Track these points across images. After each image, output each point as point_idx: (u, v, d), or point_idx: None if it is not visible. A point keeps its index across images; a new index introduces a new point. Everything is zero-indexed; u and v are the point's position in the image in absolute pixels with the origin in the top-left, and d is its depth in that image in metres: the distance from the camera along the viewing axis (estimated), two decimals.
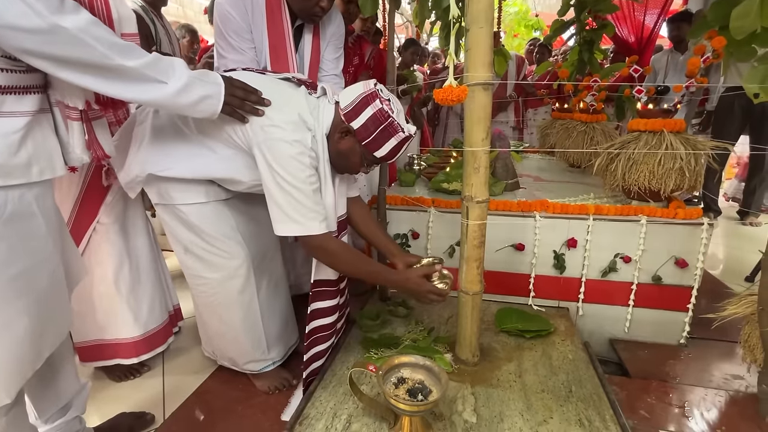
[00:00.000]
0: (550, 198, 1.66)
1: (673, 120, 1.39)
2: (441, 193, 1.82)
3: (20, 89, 0.76)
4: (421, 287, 1.14)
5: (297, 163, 0.99)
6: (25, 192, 0.78)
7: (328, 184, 1.09)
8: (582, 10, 2.60)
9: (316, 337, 1.22)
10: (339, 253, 1.08)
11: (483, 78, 0.94)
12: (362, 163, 1.09)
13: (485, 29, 0.90)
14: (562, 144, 2.24)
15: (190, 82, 0.88)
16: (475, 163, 1.02)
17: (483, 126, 0.99)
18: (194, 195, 1.15)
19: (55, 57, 0.71)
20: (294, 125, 1.00)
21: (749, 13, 1.17)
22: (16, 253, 0.75)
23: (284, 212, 1.02)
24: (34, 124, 0.79)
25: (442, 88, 0.79)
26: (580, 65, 2.68)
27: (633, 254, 1.43)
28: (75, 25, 0.70)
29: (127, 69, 0.78)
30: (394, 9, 1.44)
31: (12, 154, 0.74)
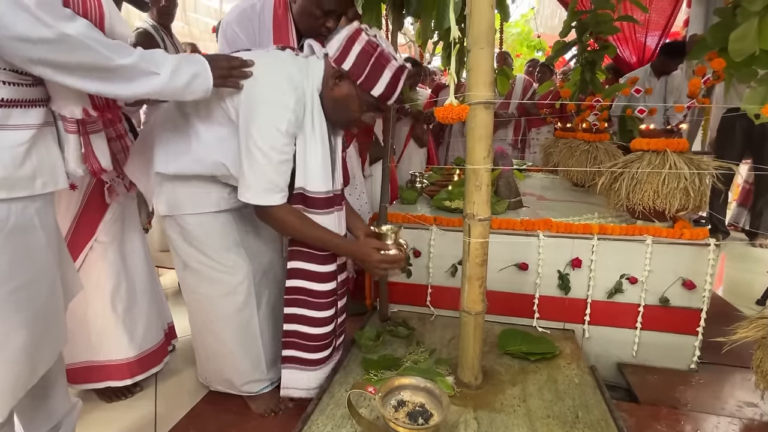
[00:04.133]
0: (554, 217, 1.67)
1: (676, 140, 1.42)
2: (443, 211, 1.83)
3: (26, 102, 0.78)
4: (371, 257, 1.13)
5: (273, 129, 1.00)
6: (27, 205, 0.79)
7: (317, 143, 1.08)
8: (584, 31, 2.68)
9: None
10: (288, 220, 1.08)
11: (484, 97, 0.97)
12: (361, 108, 1.08)
13: (486, 50, 0.94)
14: (566, 163, 2.26)
15: (177, 66, 0.90)
16: (476, 181, 1.04)
17: (485, 144, 1.01)
18: (203, 204, 1.16)
19: (60, 64, 0.73)
20: (277, 86, 1.01)
21: (747, 36, 1.21)
22: (17, 266, 0.76)
23: (245, 178, 1.03)
24: (39, 137, 0.81)
25: (444, 107, 0.82)
26: (582, 85, 2.74)
27: (639, 275, 1.43)
28: (78, 31, 0.72)
29: (126, 67, 0.81)
30: (397, 30, 1.50)
31: (17, 167, 0.76)
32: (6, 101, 0.75)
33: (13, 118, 0.76)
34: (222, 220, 1.19)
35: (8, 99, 0.75)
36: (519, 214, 1.78)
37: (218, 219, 1.18)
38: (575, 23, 2.71)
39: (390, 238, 1.18)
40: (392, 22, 1.49)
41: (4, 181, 0.75)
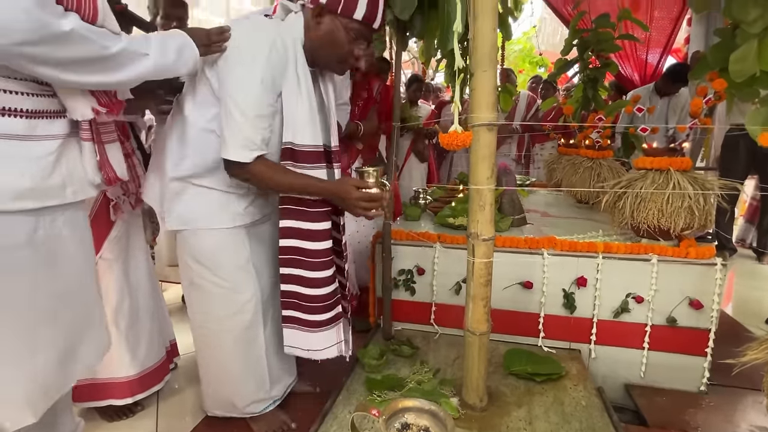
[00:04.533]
0: (558, 234, 1.67)
1: (680, 158, 1.42)
2: (447, 228, 1.83)
3: (51, 113, 0.80)
4: (350, 194, 1.09)
5: (247, 83, 1.00)
6: (57, 217, 0.81)
7: (303, 97, 1.07)
8: (585, 49, 2.72)
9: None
10: (264, 173, 1.06)
11: (487, 119, 0.98)
12: (350, 38, 1.06)
13: (489, 73, 0.96)
14: (569, 180, 2.27)
15: (161, 42, 0.91)
16: (480, 201, 1.04)
17: (488, 164, 1.02)
18: (218, 219, 1.15)
19: (63, 60, 0.74)
20: (252, 42, 1.02)
21: (747, 57, 1.23)
22: (47, 278, 0.78)
23: (224, 137, 1.03)
24: (66, 147, 0.83)
25: (448, 133, 0.83)
26: (584, 102, 2.77)
27: (645, 294, 1.42)
28: (74, 25, 0.73)
29: (120, 54, 0.82)
30: (401, 50, 1.53)
31: (47, 176, 0.78)
32: (30, 112, 0.77)
33: (39, 128, 0.78)
34: (235, 237, 1.18)
35: (33, 110, 0.77)
36: (523, 232, 1.78)
37: (232, 235, 1.18)
38: (577, 41, 2.76)
39: (372, 176, 1.15)
40: (396, 43, 1.52)
41: (33, 191, 0.77)
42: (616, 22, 2.61)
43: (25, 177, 0.76)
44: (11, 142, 0.75)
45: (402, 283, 1.67)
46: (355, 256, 2.27)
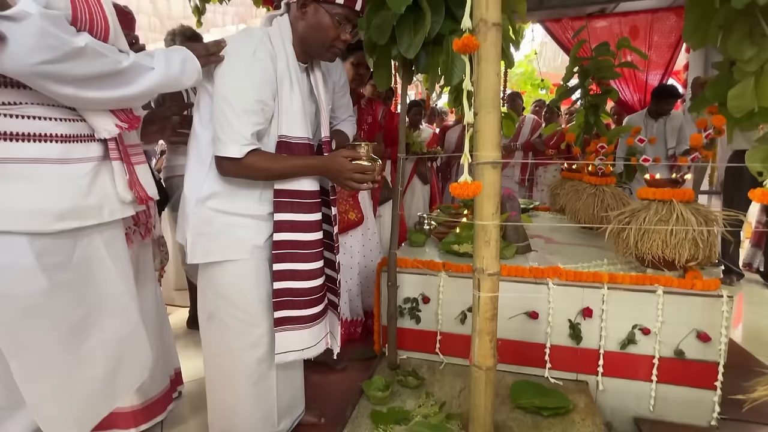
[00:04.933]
0: (563, 263, 1.68)
1: (682, 190, 1.44)
2: (452, 255, 1.85)
3: (84, 137, 0.85)
4: (343, 166, 1.12)
5: (237, 79, 1.05)
6: (94, 237, 0.85)
7: (296, 94, 1.13)
8: (586, 77, 2.78)
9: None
10: (257, 164, 1.08)
11: (491, 157, 1.01)
12: (335, 23, 1.11)
13: (493, 114, 0.99)
14: (573, 206, 2.29)
15: (165, 57, 0.95)
16: (485, 237, 1.06)
17: (493, 201, 1.04)
18: (241, 250, 1.16)
19: (80, 77, 0.77)
20: (242, 45, 1.07)
21: (745, 93, 1.26)
22: (85, 297, 0.82)
23: (216, 134, 1.07)
24: (100, 169, 0.87)
25: (458, 184, 0.86)
26: (586, 127, 2.82)
27: (652, 326, 1.41)
28: (87, 41, 0.77)
29: (129, 68, 0.85)
30: (407, 84, 1.58)
31: (84, 197, 0.82)
32: (65, 137, 0.81)
33: (74, 152, 0.82)
34: (258, 269, 1.18)
35: (67, 135, 0.82)
36: (528, 259, 1.78)
37: (254, 268, 1.18)
38: (577, 68, 2.82)
39: (363, 148, 1.17)
40: (401, 77, 1.57)
41: (73, 212, 0.81)
42: (615, 50, 2.68)
43: (65, 198, 0.80)
44: (49, 166, 0.79)
45: (407, 312, 1.67)
46: (361, 279, 2.28)
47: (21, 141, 0.76)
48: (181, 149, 1.97)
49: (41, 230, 0.77)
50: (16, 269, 0.75)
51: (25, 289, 0.76)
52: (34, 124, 0.78)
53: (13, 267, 0.75)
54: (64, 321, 0.81)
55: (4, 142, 0.75)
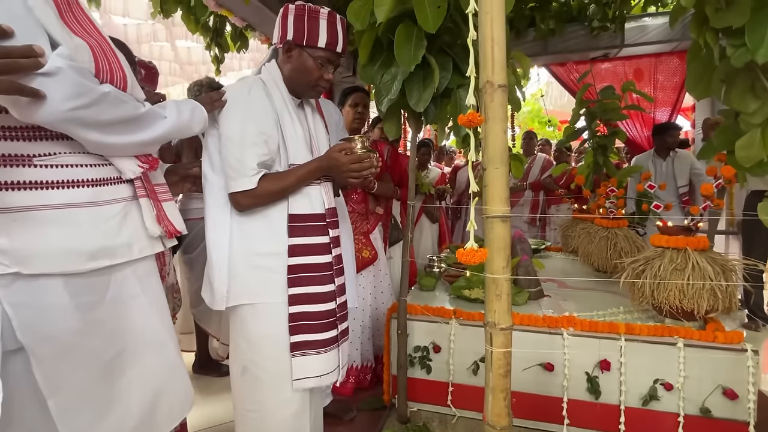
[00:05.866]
0: (578, 310, 1.65)
1: (696, 238, 1.43)
2: (463, 300, 1.83)
3: (113, 180, 0.90)
4: (339, 160, 1.15)
5: (238, 115, 1.13)
6: (127, 274, 0.88)
7: (297, 126, 1.20)
8: (592, 119, 2.84)
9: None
10: (267, 189, 1.13)
11: (501, 211, 1.03)
12: (318, 65, 1.20)
13: (501, 170, 1.02)
14: (585, 248, 2.27)
15: (177, 106, 1.03)
16: (496, 290, 1.06)
17: (503, 255, 1.05)
18: (275, 292, 1.16)
19: (106, 122, 0.83)
20: (240, 87, 1.17)
21: (753, 144, 1.28)
22: (118, 334, 0.85)
23: (226, 172, 1.14)
24: (130, 208, 0.92)
25: (465, 251, 0.87)
26: (595, 167, 2.84)
27: (674, 380, 1.36)
28: (110, 89, 0.83)
29: (146, 114, 0.92)
30: (416, 134, 1.63)
31: (114, 236, 0.86)
32: (95, 181, 0.86)
33: (104, 194, 0.87)
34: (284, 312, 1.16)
35: (97, 179, 0.87)
36: (540, 306, 1.76)
37: (287, 312, 1.16)
38: (584, 110, 2.89)
39: (358, 142, 1.19)
40: (411, 126, 1.63)
41: (105, 250, 0.84)
42: (621, 94, 2.75)
43: (96, 238, 0.84)
44: (80, 210, 0.84)
45: (418, 361, 1.64)
46: (372, 322, 2.26)
47: (55, 189, 0.82)
48: (194, 193, 2.03)
49: (74, 270, 0.81)
50: (53, 310, 0.79)
51: (61, 328, 0.80)
52: (67, 172, 0.83)
53: (51, 308, 0.79)
54: (98, 358, 0.84)
55: (41, 191, 0.80)
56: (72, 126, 0.79)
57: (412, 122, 1.58)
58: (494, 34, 1.00)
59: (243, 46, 3.36)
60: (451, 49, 1.46)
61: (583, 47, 3.73)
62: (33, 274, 0.76)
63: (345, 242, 1.38)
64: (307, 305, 1.18)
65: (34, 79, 0.71)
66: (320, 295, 1.19)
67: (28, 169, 0.78)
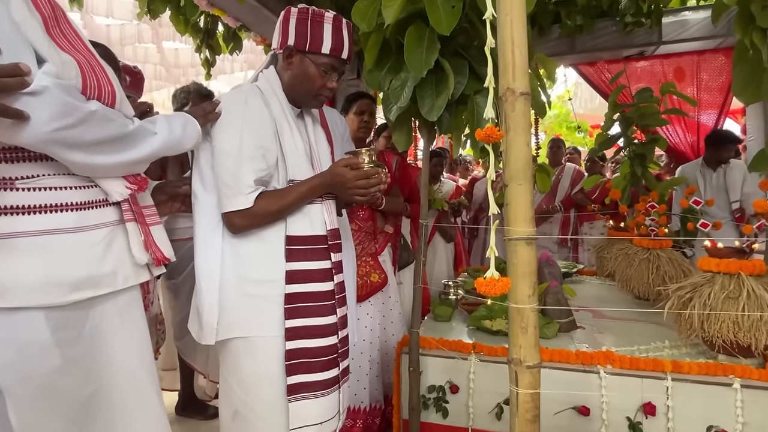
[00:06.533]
0: (616, 344, 1.63)
1: (752, 261, 1.42)
2: (483, 332, 1.82)
3: (99, 203, 0.93)
4: (344, 176, 1.17)
5: (232, 128, 1.16)
6: (108, 307, 0.90)
7: (297, 138, 1.23)
8: (628, 125, 2.84)
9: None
10: (263, 207, 1.15)
11: (525, 233, 1.03)
12: (321, 72, 1.23)
13: (524, 186, 1.03)
14: (623, 272, 2.25)
15: (168, 121, 1.06)
16: (522, 322, 1.06)
17: (528, 281, 1.05)
18: (270, 324, 1.17)
19: (92, 142, 0.86)
20: (234, 97, 1.20)
21: None
22: (92, 372, 0.86)
23: (220, 190, 1.16)
24: (116, 233, 0.95)
25: (486, 280, 0.88)
26: (633, 179, 2.83)
27: (731, 428, 1.33)
28: (98, 107, 0.87)
29: (135, 131, 0.95)
30: (429, 145, 1.66)
31: (98, 265, 0.89)
32: (80, 204, 0.89)
33: (89, 219, 0.90)
34: (281, 347, 1.17)
35: (82, 202, 0.89)
36: (573, 339, 1.74)
37: (283, 348, 1.16)
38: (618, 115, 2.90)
39: (365, 155, 1.21)
40: (423, 137, 1.66)
41: (88, 280, 0.87)
42: (660, 95, 2.75)
43: (79, 267, 0.87)
44: (63, 236, 0.86)
45: (432, 403, 1.62)
46: (381, 357, 2.25)
47: (37, 213, 0.85)
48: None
49: (56, 303, 0.83)
50: (33, 347, 0.81)
51: (40, 367, 0.82)
52: (51, 195, 0.87)
53: (31, 345, 0.81)
54: (73, 400, 0.86)
55: (22, 216, 0.83)
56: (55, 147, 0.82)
57: (424, 132, 1.61)
58: (514, 37, 1.03)
59: (236, 48, 3.46)
60: (467, 52, 1.49)
61: (616, 45, 3.77)
62: (12, 308, 0.78)
63: (346, 267, 1.39)
64: (306, 340, 1.18)
65: (18, 99, 0.74)
66: (320, 328, 1.19)
67: (9, 192, 0.81)
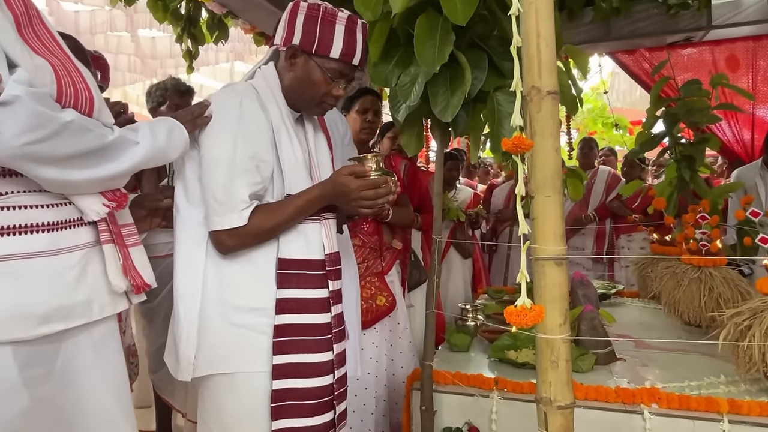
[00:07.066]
0: (663, 380, 1.63)
1: None
2: (508, 365, 1.82)
3: (74, 222, 0.95)
4: (348, 186, 1.17)
5: (225, 138, 1.17)
6: (81, 339, 0.92)
7: (296, 145, 1.25)
8: (674, 122, 2.85)
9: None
10: (257, 224, 1.16)
11: (554, 252, 1.05)
12: (326, 79, 1.25)
13: (553, 198, 1.05)
14: (670, 294, 2.24)
15: (150, 129, 1.08)
16: (552, 355, 1.06)
17: (559, 307, 1.06)
18: (255, 359, 1.18)
19: (65, 156, 0.88)
20: (226, 99, 1.22)
21: None
22: (66, 412, 0.89)
23: (209, 204, 1.17)
24: (92, 256, 0.97)
25: (516, 309, 0.89)
26: (681, 185, 2.83)
27: None
28: (74, 116, 0.89)
29: (114, 142, 0.97)
30: (443, 147, 1.68)
31: (72, 293, 0.90)
32: (52, 224, 0.91)
33: (63, 240, 0.92)
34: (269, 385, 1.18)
35: (54, 222, 0.92)
36: (612, 373, 1.74)
37: (269, 382, 1.18)
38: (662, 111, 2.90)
39: (371, 161, 1.22)
40: (436, 140, 1.68)
41: (60, 311, 0.88)
42: (710, 88, 2.76)
43: (51, 295, 0.89)
44: (32, 260, 0.88)
45: None
46: (389, 393, 2.25)
47: (4, 236, 0.87)
48: None
49: (24, 337, 0.85)
50: (0, 386, 0.83)
51: (7, 410, 0.83)
52: (20, 215, 0.89)
53: None
54: None
55: None
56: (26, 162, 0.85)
57: (437, 134, 1.63)
58: (540, 28, 1.05)
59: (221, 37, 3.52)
60: (486, 43, 1.51)
61: (658, 30, 3.78)
62: None
63: (348, 289, 1.41)
64: (296, 379, 1.19)
65: None
66: (313, 366, 1.20)
67: None
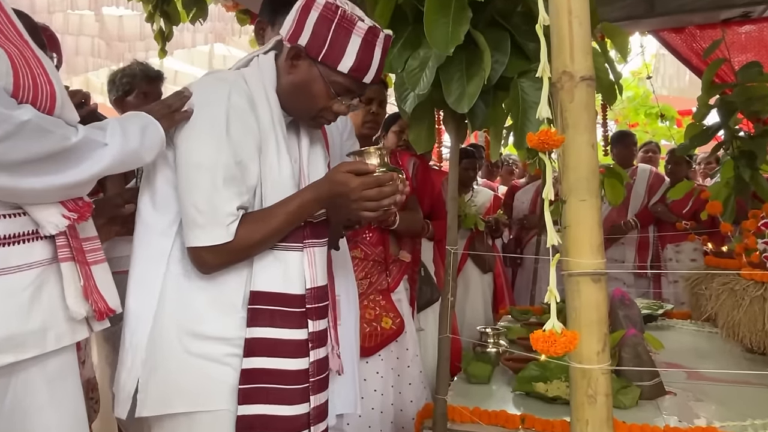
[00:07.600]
0: (721, 417, 1.61)
1: None
2: (536, 399, 1.80)
3: (28, 236, 0.94)
4: (347, 185, 1.15)
5: (208, 137, 1.16)
6: (33, 373, 0.92)
7: (283, 152, 1.23)
8: (731, 113, 2.83)
9: None
10: (244, 238, 1.16)
11: (591, 267, 1.03)
12: (329, 93, 1.22)
13: (589, 202, 1.03)
14: (728, 316, 2.22)
15: (120, 127, 1.06)
16: (588, 389, 1.04)
17: (597, 332, 1.05)
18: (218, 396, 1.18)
19: (20, 161, 0.87)
20: (210, 93, 1.20)
21: None
22: None
23: (187, 215, 1.16)
24: (48, 275, 0.96)
25: (544, 335, 0.88)
26: (739, 186, 2.81)
27: None
28: (31, 114, 0.87)
29: (78, 145, 0.95)
30: (458, 143, 1.67)
31: (23, 320, 0.89)
32: (3, 238, 0.91)
33: (13, 257, 0.91)
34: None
35: (5, 235, 0.91)
36: (660, 409, 1.73)
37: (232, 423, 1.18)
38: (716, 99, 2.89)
39: (375, 156, 1.21)
40: (450, 134, 1.67)
41: (10, 340, 0.87)
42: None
43: None
44: None
45: None
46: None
47: None
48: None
49: None
50: None
51: None
52: None
53: None
54: None
55: None
56: None
57: (451, 128, 1.63)
58: (572, 4, 1.04)
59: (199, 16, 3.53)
60: (508, 21, 1.51)
61: (709, 4, 3.77)
62: None
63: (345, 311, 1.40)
64: (267, 405, 1.18)
65: None
66: (285, 420, 1.19)
67: None
